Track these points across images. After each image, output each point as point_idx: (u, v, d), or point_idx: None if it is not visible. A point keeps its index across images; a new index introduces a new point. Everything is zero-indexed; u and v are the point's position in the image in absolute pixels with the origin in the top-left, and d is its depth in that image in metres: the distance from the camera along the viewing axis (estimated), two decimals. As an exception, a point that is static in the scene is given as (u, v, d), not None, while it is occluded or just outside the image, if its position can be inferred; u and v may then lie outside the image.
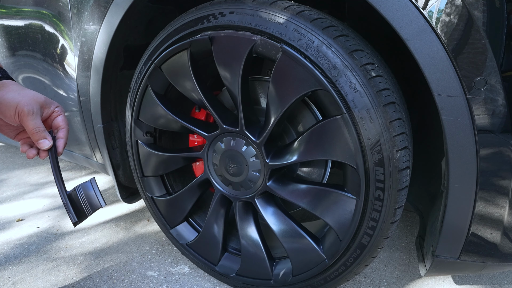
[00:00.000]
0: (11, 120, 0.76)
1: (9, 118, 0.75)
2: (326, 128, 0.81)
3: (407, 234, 1.45)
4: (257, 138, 0.92)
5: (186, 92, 1.00)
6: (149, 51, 1.02)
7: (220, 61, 0.89)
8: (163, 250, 1.36)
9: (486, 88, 0.67)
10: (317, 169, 1.02)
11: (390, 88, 0.78)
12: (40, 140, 0.78)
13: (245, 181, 0.99)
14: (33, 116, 0.75)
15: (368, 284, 1.18)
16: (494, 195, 0.74)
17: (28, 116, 0.75)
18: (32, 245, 1.41)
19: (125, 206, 1.72)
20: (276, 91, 0.84)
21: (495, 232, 0.77)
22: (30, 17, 1.29)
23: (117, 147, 1.28)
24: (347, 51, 0.76)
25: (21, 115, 0.74)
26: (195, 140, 1.20)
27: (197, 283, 1.19)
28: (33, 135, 0.77)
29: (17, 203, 1.77)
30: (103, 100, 1.16)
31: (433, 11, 0.67)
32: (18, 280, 1.21)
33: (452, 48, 0.67)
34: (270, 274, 1.04)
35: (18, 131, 0.84)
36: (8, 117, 0.75)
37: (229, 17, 0.85)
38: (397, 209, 0.82)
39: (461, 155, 0.72)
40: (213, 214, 1.09)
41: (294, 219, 0.98)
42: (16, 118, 0.75)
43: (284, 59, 0.80)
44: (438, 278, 1.20)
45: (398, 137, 0.76)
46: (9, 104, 0.74)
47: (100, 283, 1.19)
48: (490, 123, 0.69)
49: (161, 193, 1.20)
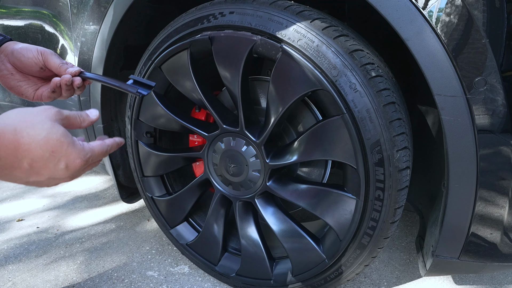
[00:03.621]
0: (33, 61, 0.73)
1: (31, 59, 0.73)
2: (326, 128, 0.81)
3: (407, 234, 1.45)
4: (257, 138, 0.92)
5: (186, 92, 1.00)
6: (149, 51, 1.02)
7: (220, 61, 0.89)
8: (163, 250, 1.36)
9: (486, 88, 0.67)
10: (317, 169, 1.02)
11: (390, 88, 0.78)
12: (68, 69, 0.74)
13: (245, 181, 0.99)
14: (55, 55, 0.75)
15: (368, 284, 1.18)
16: (494, 195, 0.74)
17: (51, 55, 0.74)
18: (32, 245, 1.41)
19: (125, 206, 1.72)
20: (276, 91, 0.84)
21: (495, 232, 0.77)
22: (30, 17, 1.29)
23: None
24: (347, 51, 0.76)
25: (44, 54, 0.73)
26: (195, 140, 1.20)
27: (197, 283, 1.19)
28: (61, 68, 0.74)
29: (17, 203, 1.77)
30: (103, 100, 1.16)
31: (433, 11, 0.67)
32: (18, 280, 1.21)
33: (452, 48, 0.67)
34: (270, 274, 1.04)
35: (39, 84, 0.78)
36: (30, 58, 0.73)
37: (229, 17, 0.85)
38: (397, 209, 0.82)
39: (461, 155, 0.72)
40: (213, 214, 1.09)
41: (294, 219, 0.98)
42: (39, 57, 0.73)
43: (284, 59, 0.80)
44: (438, 278, 1.20)
45: (398, 137, 0.76)
46: (28, 47, 0.73)
47: (100, 283, 1.19)
48: (490, 123, 0.69)
49: (161, 193, 1.20)
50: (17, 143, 0.49)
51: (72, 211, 1.68)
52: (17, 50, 0.73)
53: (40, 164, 0.51)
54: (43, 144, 0.50)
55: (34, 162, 0.50)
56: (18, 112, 0.52)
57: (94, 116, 0.63)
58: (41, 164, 0.51)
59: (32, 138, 0.50)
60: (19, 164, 0.50)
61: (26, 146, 0.49)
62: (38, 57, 0.73)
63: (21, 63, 0.73)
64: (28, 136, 0.49)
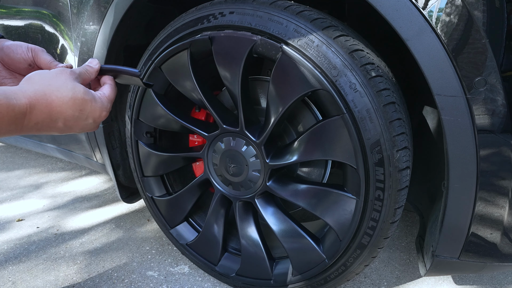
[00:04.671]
0: (22, 57, 0.74)
1: (20, 55, 0.74)
2: (326, 128, 0.81)
3: (407, 234, 1.45)
4: (257, 138, 0.92)
5: (186, 92, 1.00)
6: (149, 51, 1.02)
7: (220, 61, 0.89)
8: (163, 250, 1.36)
9: (486, 88, 0.67)
10: (317, 169, 1.02)
11: (390, 88, 0.78)
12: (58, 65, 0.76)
13: (245, 181, 0.99)
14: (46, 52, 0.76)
15: (368, 284, 1.18)
16: (494, 195, 0.74)
17: (41, 52, 0.75)
18: (32, 245, 1.41)
19: (125, 206, 1.72)
20: (276, 91, 0.84)
21: (495, 232, 0.77)
22: (30, 17, 1.29)
23: (117, 147, 1.28)
24: (347, 51, 0.76)
25: (35, 50, 0.74)
26: (195, 140, 1.20)
27: (197, 283, 1.19)
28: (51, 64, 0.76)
29: (17, 203, 1.77)
30: (103, 100, 1.16)
31: (433, 11, 0.67)
32: (18, 280, 1.21)
33: (452, 48, 0.67)
34: (270, 274, 1.04)
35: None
36: (19, 54, 0.74)
37: (229, 17, 0.85)
38: (397, 209, 0.82)
39: (461, 155, 0.72)
40: (213, 214, 1.09)
41: (294, 219, 0.98)
42: (29, 54, 0.74)
43: (284, 59, 0.80)
44: (438, 278, 1.20)
45: (398, 137, 0.76)
46: (19, 44, 0.74)
47: (100, 283, 1.19)
48: (490, 123, 0.69)
49: (161, 193, 1.20)
50: (50, 106, 0.54)
51: (72, 211, 1.68)
52: (7, 46, 0.74)
53: (72, 123, 0.58)
54: (72, 105, 0.57)
55: (67, 121, 0.57)
56: (40, 76, 0.57)
57: (95, 65, 0.68)
58: (73, 122, 0.58)
59: (61, 100, 0.55)
60: (55, 124, 0.57)
61: (58, 108, 0.55)
62: (28, 53, 0.74)
63: (10, 59, 0.74)
64: (58, 99, 0.55)
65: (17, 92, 0.52)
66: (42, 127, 0.55)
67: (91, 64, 0.68)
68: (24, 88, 0.53)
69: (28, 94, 0.53)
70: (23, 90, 0.53)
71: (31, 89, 0.54)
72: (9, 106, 0.49)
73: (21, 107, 0.51)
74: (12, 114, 0.50)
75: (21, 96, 0.52)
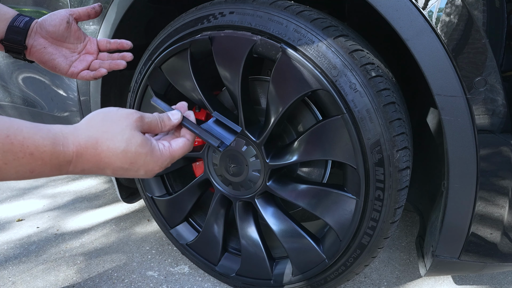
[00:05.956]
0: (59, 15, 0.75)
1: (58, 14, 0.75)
2: (326, 128, 0.81)
3: (407, 234, 1.45)
4: (257, 138, 0.92)
5: (186, 92, 1.00)
6: (149, 51, 1.02)
7: (220, 61, 0.89)
8: (163, 250, 1.36)
9: (486, 88, 0.67)
10: (317, 169, 1.02)
11: (390, 88, 0.78)
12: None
13: (245, 181, 0.99)
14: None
15: (368, 284, 1.18)
16: (494, 195, 0.74)
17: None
18: (32, 245, 1.41)
19: (125, 206, 1.72)
20: (276, 91, 0.84)
21: (495, 232, 0.77)
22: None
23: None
24: (347, 51, 0.76)
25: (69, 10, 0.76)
26: (195, 140, 1.19)
27: (197, 283, 1.19)
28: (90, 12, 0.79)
29: (17, 203, 1.77)
30: (103, 100, 1.16)
31: (433, 11, 0.67)
32: (18, 280, 1.21)
33: (452, 48, 0.67)
34: (270, 274, 1.04)
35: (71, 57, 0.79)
36: (58, 13, 0.75)
37: (229, 17, 0.85)
38: (397, 209, 0.82)
39: (461, 155, 0.72)
40: (213, 214, 1.09)
41: (294, 219, 0.98)
42: (66, 12, 0.75)
43: (284, 59, 0.80)
44: (438, 278, 1.20)
45: (398, 137, 0.76)
46: (50, 14, 0.75)
47: (100, 283, 1.19)
48: (490, 123, 0.69)
49: (161, 193, 1.20)
50: (99, 156, 0.52)
51: (72, 211, 1.68)
52: (44, 18, 0.75)
53: (121, 172, 0.55)
54: (122, 158, 0.53)
55: (115, 171, 0.54)
56: (102, 120, 0.53)
57: (176, 119, 0.61)
58: (122, 172, 0.55)
59: (111, 151, 0.52)
60: (102, 172, 0.54)
61: (107, 159, 0.52)
62: (65, 12, 0.75)
63: (50, 24, 0.74)
64: (108, 150, 0.52)
65: (68, 137, 0.49)
66: (90, 172, 0.53)
67: (172, 116, 0.61)
68: (78, 132, 0.51)
69: (78, 141, 0.50)
70: (76, 135, 0.50)
71: (84, 135, 0.51)
72: (53, 154, 0.47)
73: (66, 156, 0.49)
74: (56, 162, 0.48)
75: (70, 142, 0.49)
